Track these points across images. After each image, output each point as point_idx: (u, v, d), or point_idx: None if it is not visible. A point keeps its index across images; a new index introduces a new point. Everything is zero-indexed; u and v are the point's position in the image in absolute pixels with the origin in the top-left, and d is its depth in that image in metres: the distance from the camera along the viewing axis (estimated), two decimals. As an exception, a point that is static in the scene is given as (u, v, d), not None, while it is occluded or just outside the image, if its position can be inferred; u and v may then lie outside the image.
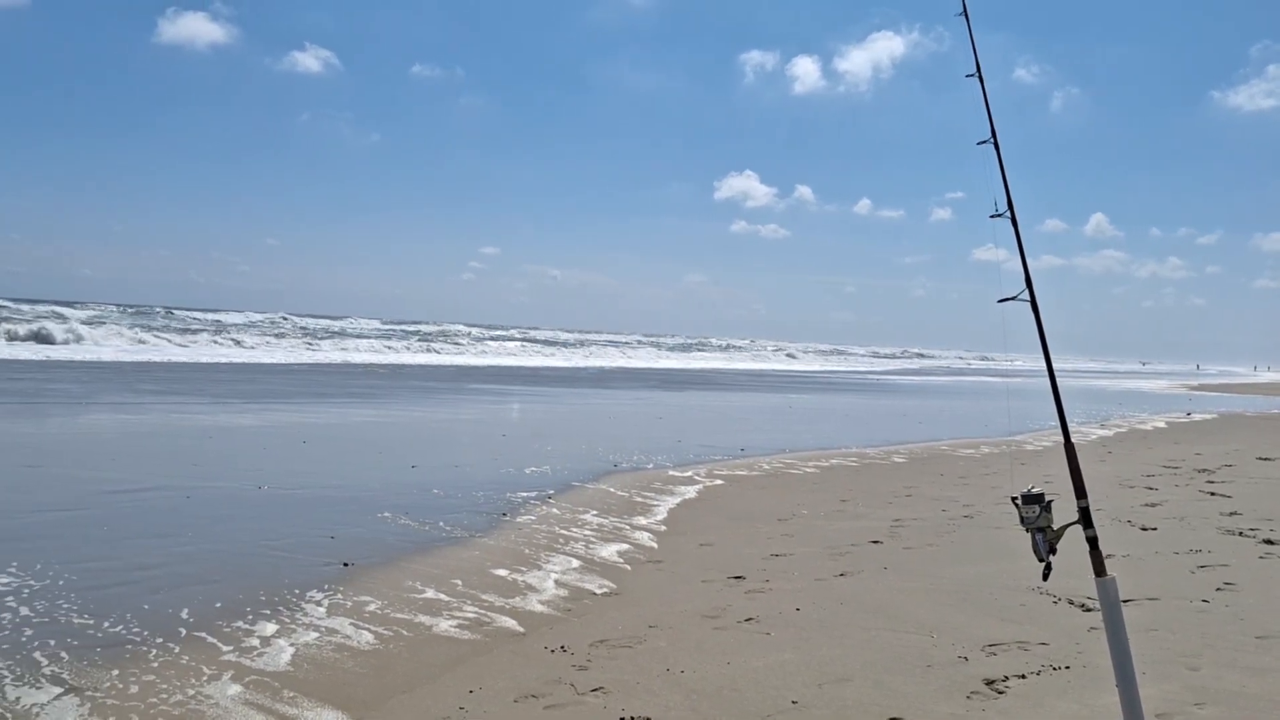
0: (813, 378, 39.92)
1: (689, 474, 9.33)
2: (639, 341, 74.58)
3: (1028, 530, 3.13)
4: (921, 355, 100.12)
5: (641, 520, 7.11)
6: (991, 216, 3.26)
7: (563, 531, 6.57)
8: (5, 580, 4.82)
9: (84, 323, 35.85)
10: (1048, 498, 3.10)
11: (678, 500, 7.97)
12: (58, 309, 46.56)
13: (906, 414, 20.48)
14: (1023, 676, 3.88)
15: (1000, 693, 3.72)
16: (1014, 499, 3.13)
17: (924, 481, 9.48)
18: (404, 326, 65.65)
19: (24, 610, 4.39)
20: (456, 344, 49.88)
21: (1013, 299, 3.16)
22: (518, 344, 54.34)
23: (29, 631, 4.12)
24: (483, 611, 4.74)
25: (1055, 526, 3.10)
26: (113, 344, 31.33)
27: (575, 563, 5.77)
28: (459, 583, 5.19)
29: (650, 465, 9.83)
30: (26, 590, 4.69)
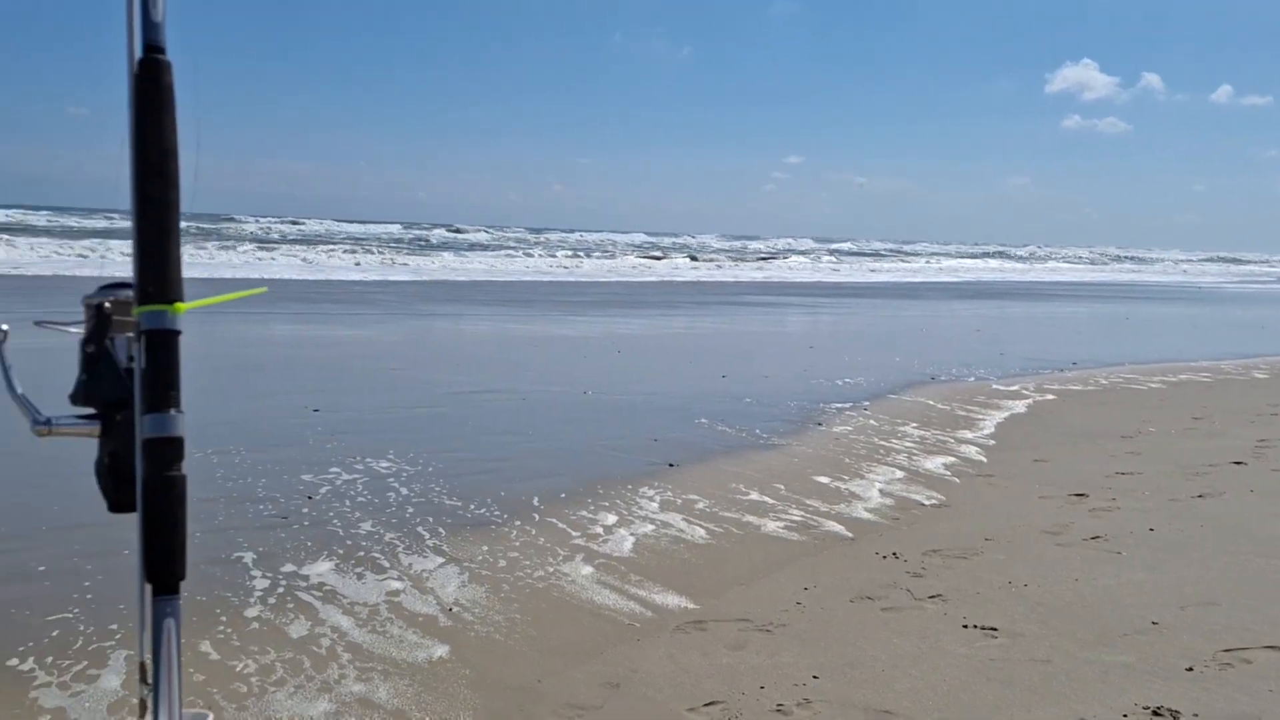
0: (1151, 288, 36.28)
1: (1015, 388, 8.84)
2: (950, 250, 71.24)
3: None
4: None
5: (966, 434, 6.84)
6: None
7: (882, 443, 6.46)
8: (386, 465, 5.46)
9: (408, 246, 39.53)
10: None
11: (1005, 415, 7.58)
12: (390, 228, 51.68)
13: (1266, 326, 18.16)
14: None
15: None
16: None
17: (1293, 401, 8.39)
18: (702, 238, 66.78)
19: (404, 490, 4.97)
20: (757, 257, 50.08)
21: None
22: (823, 256, 53.65)
23: (410, 510, 4.66)
24: (809, 515, 4.78)
25: None
26: (442, 259, 34.33)
27: (899, 473, 5.67)
28: (781, 487, 5.27)
29: (971, 378, 9.42)
30: (404, 474, 5.29)
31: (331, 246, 37.43)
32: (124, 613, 3.30)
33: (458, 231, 56.42)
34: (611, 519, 4.60)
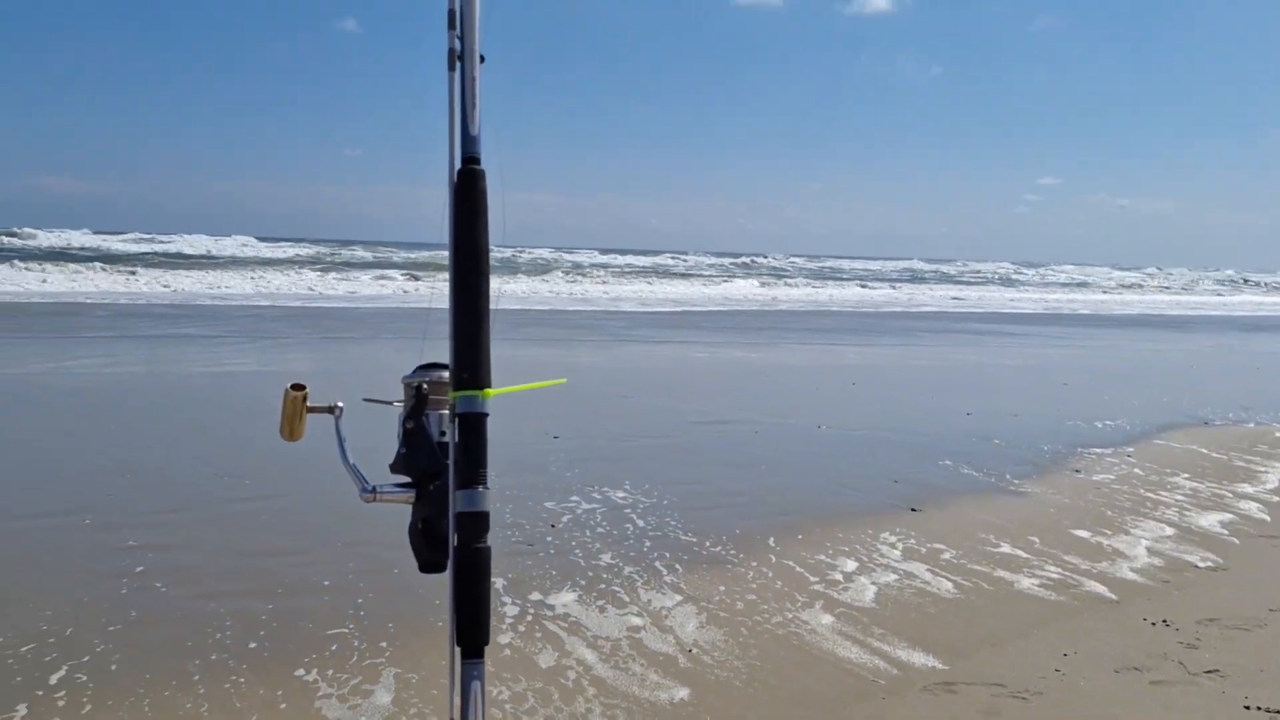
0: None
1: (1304, 437, 7.94)
2: (1219, 278, 65.24)
3: None
4: None
5: (1246, 488, 6.20)
6: None
7: (1148, 494, 5.96)
8: (622, 495, 5.60)
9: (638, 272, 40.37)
10: None
11: (1292, 467, 6.82)
12: (630, 259, 53.17)
13: None
14: None
15: None
16: None
17: None
18: (940, 267, 64.52)
19: (640, 523, 5.07)
20: (1004, 283, 47.78)
21: None
22: (1069, 283, 50.51)
23: (648, 543, 4.74)
24: (1067, 573, 4.48)
25: None
26: (671, 285, 34.96)
27: (1168, 530, 5.21)
28: (1036, 540, 4.96)
29: (1250, 423, 8.54)
30: (640, 506, 5.41)
31: (560, 273, 38.99)
32: (392, 632, 3.55)
33: (684, 257, 57.44)
34: (851, 565, 4.49)
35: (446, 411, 1.19)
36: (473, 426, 1.10)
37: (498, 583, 4.07)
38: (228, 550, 4.48)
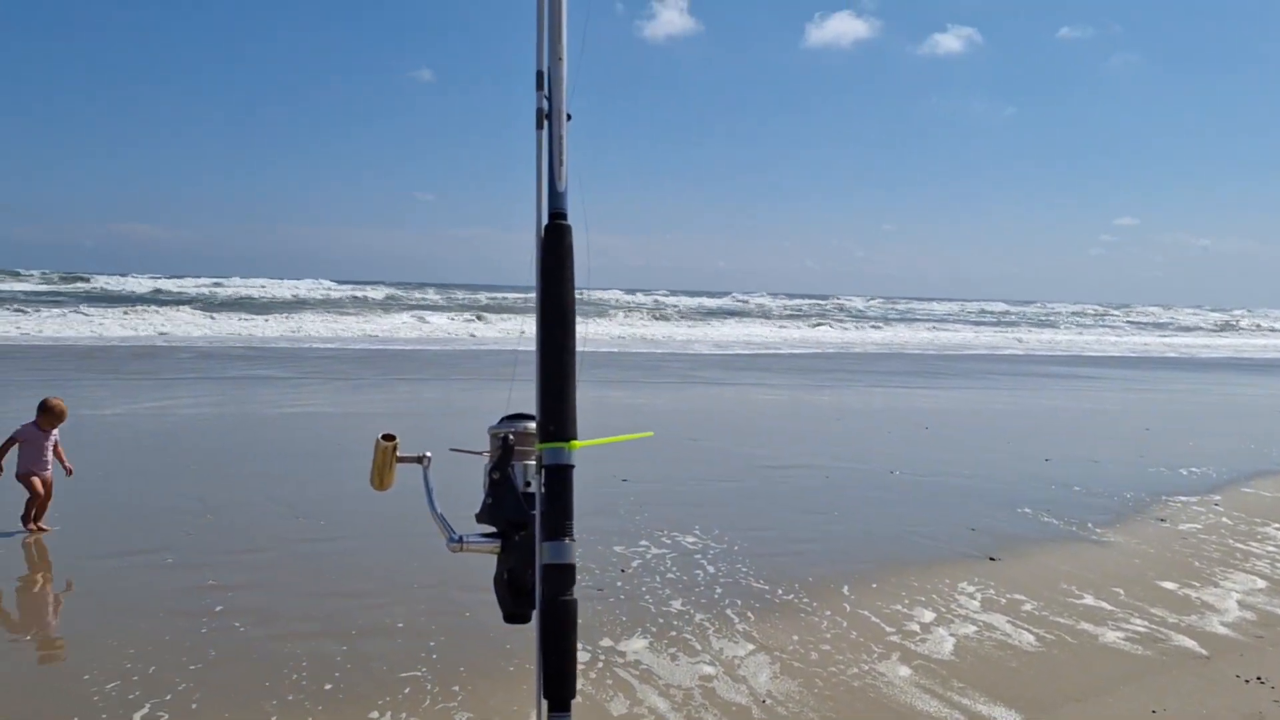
0: None
1: (1407, 486, 7.56)
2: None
3: None
4: None
5: (1346, 539, 5.92)
6: None
7: (1238, 545, 5.73)
8: (692, 540, 5.56)
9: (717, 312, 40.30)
10: None
11: (1396, 518, 6.49)
12: (702, 300, 53.24)
13: None
14: None
15: None
16: None
17: None
18: (1019, 309, 63.39)
19: (710, 569, 5.02)
20: (1088, 325, 46.71)
21: None
22: (1153, 325, 49.16)
23: (719, 590, 4.69)
24: (1154, 627, 4.31)
25: None
26: (728, 326, 34.87)
27: (1260, 583, 4.99)
28: (1120, 592, 4.79)
29: (1347, 472, 8.17)
30: (711, 551, 5.36)
31: (628, 314, 39.16)
32: (463, 675, 3.56)
33: (752, 298, 57.37)
34: (928, 616, 4.39)
35: (532, 462, 1.20)
36: (559, 478, 1.11)
37: (568, 628, 4.05)
38: (303, 591, 4.54)
